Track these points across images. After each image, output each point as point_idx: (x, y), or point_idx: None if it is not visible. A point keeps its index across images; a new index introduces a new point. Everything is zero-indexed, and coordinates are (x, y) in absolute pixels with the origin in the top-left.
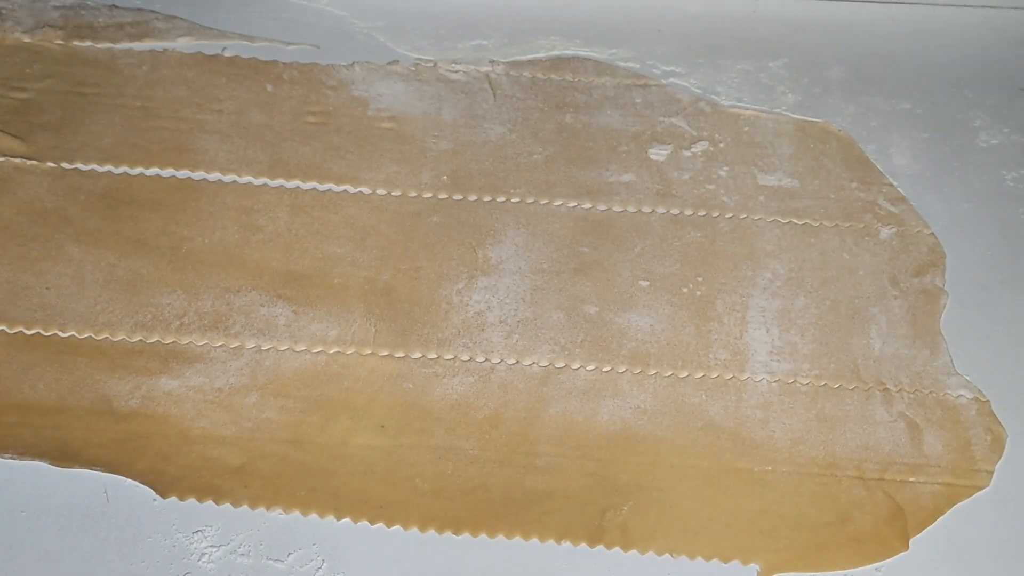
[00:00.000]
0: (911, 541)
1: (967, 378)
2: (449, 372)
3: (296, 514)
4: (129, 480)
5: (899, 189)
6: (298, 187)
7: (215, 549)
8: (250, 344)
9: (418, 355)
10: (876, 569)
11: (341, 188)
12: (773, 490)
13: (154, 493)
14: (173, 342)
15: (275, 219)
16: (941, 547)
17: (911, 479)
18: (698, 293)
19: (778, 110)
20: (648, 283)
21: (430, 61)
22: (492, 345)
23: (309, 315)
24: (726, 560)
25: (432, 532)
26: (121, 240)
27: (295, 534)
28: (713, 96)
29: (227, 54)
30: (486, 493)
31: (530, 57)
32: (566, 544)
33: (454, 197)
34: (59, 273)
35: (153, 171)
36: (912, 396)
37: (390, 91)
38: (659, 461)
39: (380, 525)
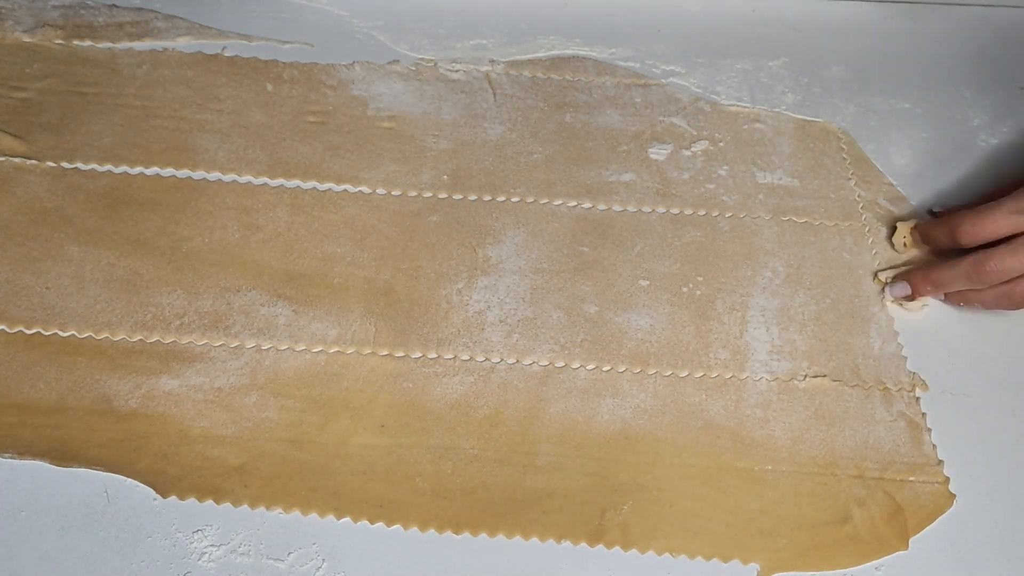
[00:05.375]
0: (911, 541)
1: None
2: (449, 372)
3: (296, 513)
4: (129, 480)
5: (899, 188)
6: (298, 187)
7: (215, 548)
8: (250, 344)
9: (418, 355)
10: (876, 568)
11: (341, 188)
12: (773, 489)
13: (154, 493)
14: (173, 342)
15: (275, 219)
16: (941, 547)
17: (911, 478)
18: (698, 292)
19: (778, 109)
20: (648, 282)
21: (430, 61)
22: (492, 345)
23: (309, 315)
24: (726, 560)
25: (432, 531)
26: (121, 240)
27: (295, 533)
28: (713, 96)
29: (227, 54)
30: (486, 492)
31: (530, 57)
32: (566, 544)
33: (454, 197)
34: (59, 273)
35: (153, 171)
36: (912, 395)
37: (390, 91)
38: (659, 460)
39: (380, 524)
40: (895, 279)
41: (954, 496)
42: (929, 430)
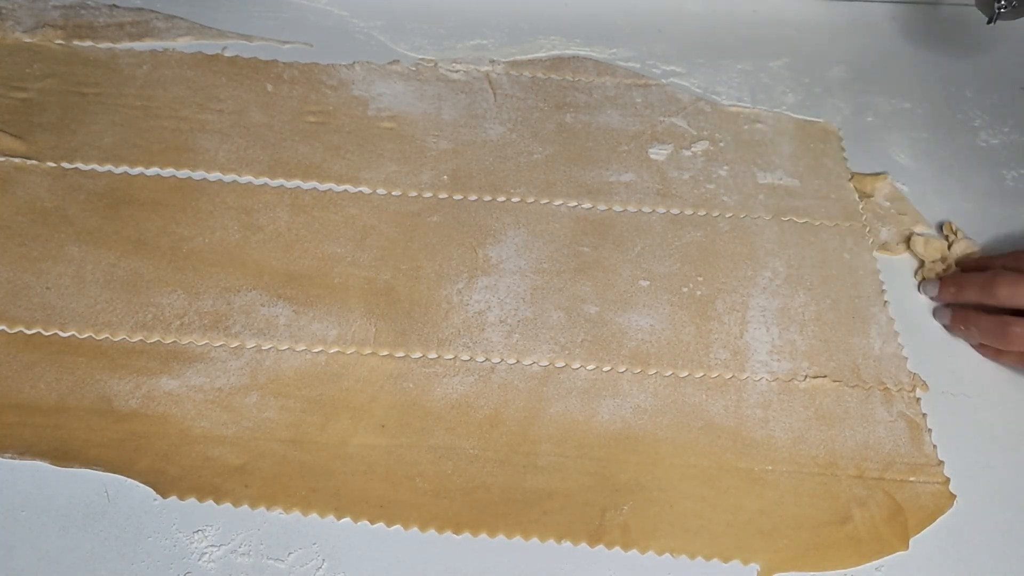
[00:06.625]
0: (911, 541)
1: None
2: (449, 372)
3: (296, 514)
4: (129, 480)
5: (899, 188)
6: (298, 187)
7: (215, 549)
8: (250, 344)
9: (418, 355)
10: (876, 569)
11: (341, 188)
12: (773, 490)
13: (154, 493)
14: (173, 342)
15: (275, 219)
16: (941, 547)
17: (911, 479)
18: (698, 293)
19: (778, 110)
20: (648, 283)
21: (430, 61)
22: (492, 345)
23: (309, 315)
24: (726, 560)
25: (432, 532)
26: (121, 240)
27: (295, 534)
28: (713, 96)
29: (227, 54)
30: (486, 493)
31: (530, 57)
32: (566, 544)
33: (454, 197)
34: (59, 273)
35: (153, 171)
36: (912, 396)
37: (390, 91)
38: (659, 461)
39: (380, 525)
40: (927, 281)
41: (954, 496)
42: (929, 430)
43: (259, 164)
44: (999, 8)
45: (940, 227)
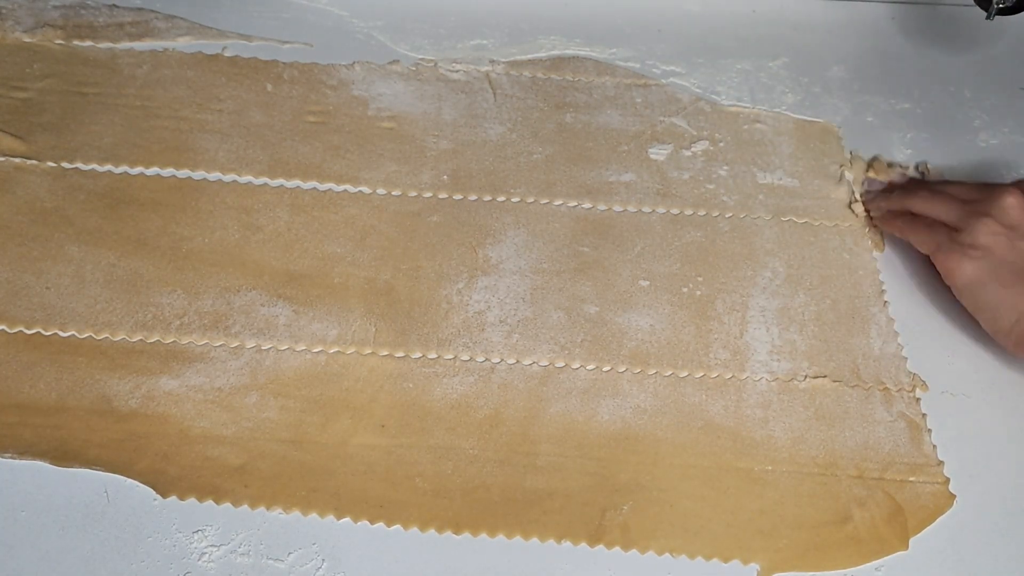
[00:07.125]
0: (911, 541)
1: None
2: (449, 372)
3: (296, 514)
4: (129, 480)
5: None
6: (298, 187)
7: (215, 549)
8: (250, 344)
9: (418, 355)
10: (876, 569)
11: (341, 188)
12: (773, 490)
13: (154, 493)
14: (173, 342)
15: (275, 219)
16: (941, 547)
17: (911, 479)
18: (698, 293)
19: (778, 109)
20: (648, 283)
21: (430, 61)
22: (492, 345)
23: (309, 315)
24: (726, 560)
25: (432, 532)
26: (121, 240)
27: (295, 534)
28: (713, 96)
29: (227, 54)
30: (486, 493)
31: (530, 57)
32: (566, 544)
33: (454, 197)
34: (59, 273)
35: (153, 171)
36: (912, 395)
37: (390, 91)
38: (659, 461)
39: (380, 525)
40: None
41: (954, 496)
42: (929, 430)
43: (259, 164)
44: (998, 3)
45: (917, 166)
